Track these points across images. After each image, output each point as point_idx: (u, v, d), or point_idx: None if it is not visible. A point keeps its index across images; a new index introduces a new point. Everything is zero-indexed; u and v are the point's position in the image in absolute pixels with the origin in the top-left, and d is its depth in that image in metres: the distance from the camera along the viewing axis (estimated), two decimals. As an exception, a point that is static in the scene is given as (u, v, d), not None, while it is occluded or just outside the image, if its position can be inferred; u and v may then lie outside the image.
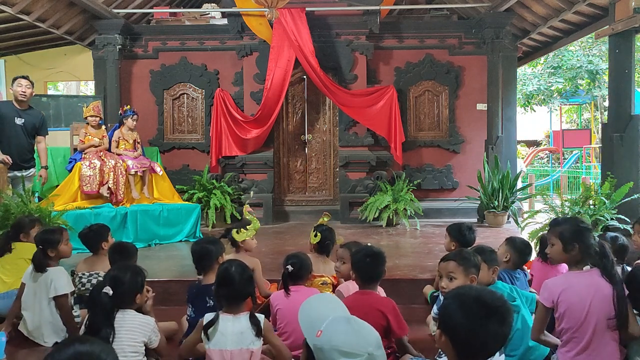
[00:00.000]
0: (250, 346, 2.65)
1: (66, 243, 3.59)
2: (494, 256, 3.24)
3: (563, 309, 2.65)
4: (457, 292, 1.70)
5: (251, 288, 2.83)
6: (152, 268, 2.95)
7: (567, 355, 2.65)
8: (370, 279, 3.04)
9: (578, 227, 2.76)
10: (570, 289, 2.65)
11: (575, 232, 2.73)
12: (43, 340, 3.45)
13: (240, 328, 2.66)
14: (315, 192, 8.52)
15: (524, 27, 8.48)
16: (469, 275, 2.72)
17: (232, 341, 2.63)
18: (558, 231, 2.80)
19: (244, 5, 7.67)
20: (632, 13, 5.49)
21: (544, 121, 20.91)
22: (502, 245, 3.76)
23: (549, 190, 12.62)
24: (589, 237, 2.72)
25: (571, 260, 2.76)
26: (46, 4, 7.16)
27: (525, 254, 3.71)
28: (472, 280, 2.72)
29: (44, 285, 3.47)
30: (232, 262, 2.86)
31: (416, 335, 3.49)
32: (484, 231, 6.94)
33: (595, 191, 5.66)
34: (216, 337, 2.65)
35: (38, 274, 3.51)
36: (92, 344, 1.49)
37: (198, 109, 8.57)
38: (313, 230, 4.06)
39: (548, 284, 2.74)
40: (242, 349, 2.63)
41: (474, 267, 2.74)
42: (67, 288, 3.48)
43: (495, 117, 8.02)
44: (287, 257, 3.40)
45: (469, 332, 1.58)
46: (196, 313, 3.16)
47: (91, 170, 6.33)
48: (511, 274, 3.61)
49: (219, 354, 2.63)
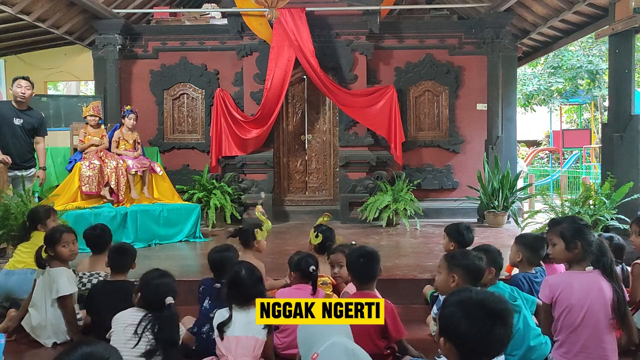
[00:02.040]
0: (257, 335, 2.72)
1: (65, 245, 3.56)
2: (497, 257, 3.21)
3: (561, 308, 2.65)
4: (459, 299, 1.65)
5: (261, 287, 2.89)
6: (152, 268, 2.95)
7: (564, 356, 2.65)
8: (366, 279, 3.05)
9: (578, 224, 2.76)
10: (569, 288, 2.65)
11: (576, 230, 2.73)
12: (43, 339, 3.45)
13: (248, 318, 2.74)
14: (315, 192, 8.52)
15: (524, 27, 8.48)
16: (451, 273, 2.72)
17: (240, 328, 2.71)
18: (559, 230, 2.79)
19: (244, 5, 7.67)
20: (632, 13, 5.50)
21: (544, 121, 20.91)
22: (512, 245, 3.63)
23: (549, 190, 12.62)
24: (589, 234, 2.72)
25: (574, 258, 2.76)
26: (46, 4, 7.16)
27: (537, 249, 3.52)
28: (453, 279, 2.71)
29: (47, 286, 3.47)
30: (242, 265, 2.91)
31: (416, 335, 3.49)
32: (484, 231, 6.94)
33: (595, 191, 5.66)
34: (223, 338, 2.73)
35: (44, 272, 3.52)
36: (96, 345, 1.51)
37: (198, 109, 8.57)
38: (314, 231, 4.06)
39: (549, 281, 2.75)
40: (249, 336, 2.71)
41: (458, 267, 2.72)
42: (69, 289, 3.48)
43: (495, 117, 8.02)
44: (306, 258, 3.37)
45: (475, 339, 1.57)
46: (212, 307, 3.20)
47: (91, 171, 6.33)
48: (529, 277, 3.47)
49: (226, 340, 2.70)
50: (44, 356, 3.35)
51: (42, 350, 3.42)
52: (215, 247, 3.51)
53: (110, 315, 2.77)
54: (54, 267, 3.53)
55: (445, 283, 2.73)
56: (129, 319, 2.65)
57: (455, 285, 2.70)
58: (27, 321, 3.54)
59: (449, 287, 2.71)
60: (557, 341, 2.70)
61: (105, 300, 3.26)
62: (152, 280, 2.75)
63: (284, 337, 3.22)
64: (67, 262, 3.64)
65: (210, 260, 3.44)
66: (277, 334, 3.26)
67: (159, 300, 2.66)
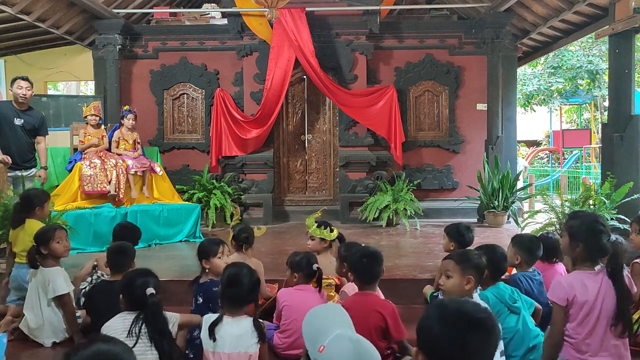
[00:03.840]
0: (249, 349, 2.64)
1: (59, 241, 3.57)
2: (501, 262, 3.17)
3: (575, 309, 2.58)
4: (438, 304, 1.49)
5: (256, 294, 2.83)
6: (152, 268, 2.93)
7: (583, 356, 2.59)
8: (368, 279, 3.04)
9: (588, 226, 2.63)
10: (582, 288, 2.57)
11: (582, 232, 2.63)
12: (42, 339, 3.46)
13: (238, 331, 2.66)
14: (315, 192, 8.52)
15: (524, 27, 8.48)
16: (465, 275, 2.65)
17: (230, 344, 2.62)
18: (569, 225, 2.71)
19: (244, 5, 7.67)
20: (632, 13, 5.50)
21: (544, 121, 20.90)
22: (509, 247, 3.60)
23: (549, 190, 12.61)
24: (596, 238, 2.59)
25: (576, 257, 2.67)
26: (46, 4, 7.16)
27: (533, 250, 3.53)
28: (468, 282, 2.64)
29: (42, 286, 3.47)
30: (242, 266, 2.84)
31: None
32: (484, 231, 6.94)
33: (595, 191, 5.66)
34: (217, 337, 2.64)
35: (37, 272, 3.52)
36: (114, 344, 1.51)
37: (198, 109, 8.57)
38: (324, 227, 4.02)
39: (562, 282, 2.63)
40: (240, 352, 2.62)
41: (472, 269, 2.67)
42: (66, 288, 3.48)
43: (495, 117, 8.02)
44: (307, 259, 3.36)
45: (448, 345, 1.38)
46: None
47: (92, 170, 6.33)
48: (528, 276, 3.47)
49: (217, 357, 2.62)
50: (43, 356, 3.36)
51: (41, 350, 3.43)
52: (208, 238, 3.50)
53: (110, 315, 2.76)
54: (47, 266, 3.53)
55: (460, 287, 2.63)
56: (119, 326, 2.62)
57: (470, 288, 2.62)
58: (24, 324, 3.54)
59: (464, 290, 2.62)
60: (574, 340, 2.61)
61: (105, 300, 3.25)
62: (131, 280, 2.73)
63: (285, 338, 3.22)
64: (59, 261, 3.64)
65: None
66: (278, 334, 3.26)
67: (142, 297, 2.64)
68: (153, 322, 2.58)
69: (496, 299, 2.96)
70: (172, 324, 2.75)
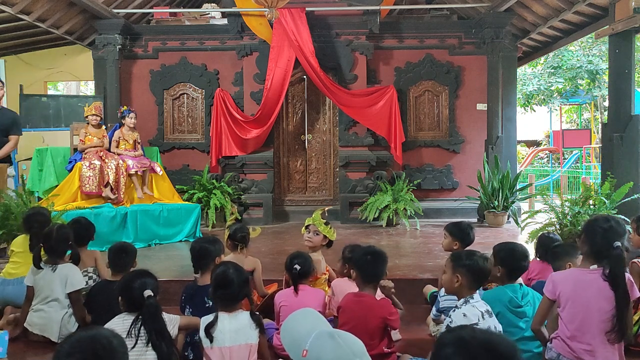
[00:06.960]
0: (249, 341, 2.68)
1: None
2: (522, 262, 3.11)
3: (565, 304, 2.66)
4: (459, 337, 1.31)
5: (247, 290, 2.85)
6: (152, 268, 2.94)
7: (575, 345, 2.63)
8: (370, 277, 3.03)
9: (595, 226, 2.72)
10: (574, 285, 2.65)
11: (587, 233, 2.74)
12: (56, 337, 3.43)
13: (237, 325, 2.69)
14: (315, 192, 8.52)
15: (524, 27, 8.48)
16: (455, 273, 2.72)
17: (230, 338, 2.65)
18: (584, 223, 2.86)
19: (244, 5, 7.67)
20: (632, 13, 5.50)
21: (544, 121, 20.90)
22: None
23: (549, 190, 12.61)
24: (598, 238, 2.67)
25: (583, 254, 2.80)
26: (46, 4, 7.16)
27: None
28: (457, 280, 2.71)
29: (58, 282, 3.46)
30: (229, 265, 2.85)
31: (416, 335, 3.49)
32: (484, 231, 6.94)
33: (595, 191, 5.65)
34: (215, 335, 2.66)
35: (48, 270, 3.50)
36: (103, 329, 1.58)
37: (198, 109, 8.57)
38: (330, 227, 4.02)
39: (554, 277, 2.77)
40: (240, 344, 2.66)
41: (462, 268, 2.70)
42: (82, 283, 3.54)
43: (495, 117, 8.03)
44: (292, 257, 3.41)
45: None
46: (194, 314, 3.17)
47: (91, 171, 6.33)
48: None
49: (218, 352, 2.64)
50: (45, 353, 3.35)
51: (42, 349, 3.42)
52: (200, 238, 3.53)
53: (111, 315, 2.76)
54: (61, 263, 3.55)
55: (449, 283, 2.77)
56: (119, 326, 2.61)
57: (459, 286, 2.71)
58: (33, 321, 3.52)
59: (453, 287, 2.74)
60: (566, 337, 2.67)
61: (105, 300, 3.26)
62: (129, 282, 2.72)
63: (285, 337, 3.22)
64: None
65: (191, 249, 3.43)
66: (277, 335, 3.26)
67: (140, 299, 2.64)
68: (151, 324, 2.59)
69: (496, 299, 2.95)
70: (172, 326, 2.75)
